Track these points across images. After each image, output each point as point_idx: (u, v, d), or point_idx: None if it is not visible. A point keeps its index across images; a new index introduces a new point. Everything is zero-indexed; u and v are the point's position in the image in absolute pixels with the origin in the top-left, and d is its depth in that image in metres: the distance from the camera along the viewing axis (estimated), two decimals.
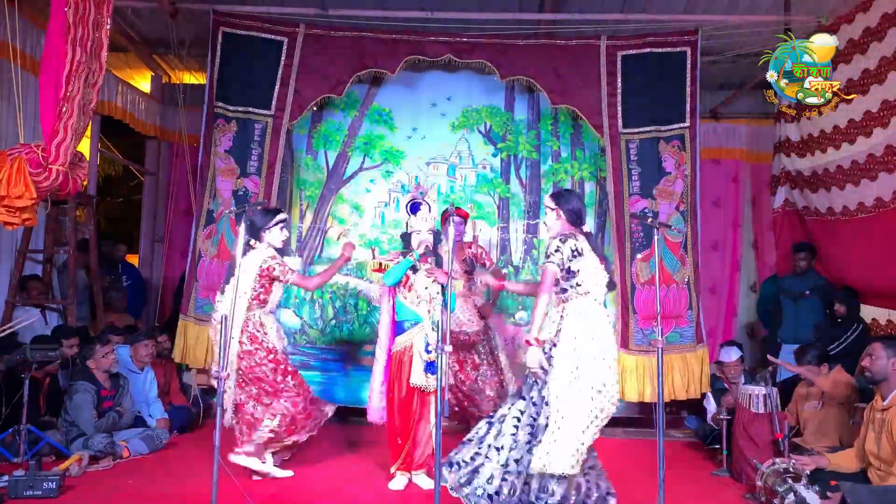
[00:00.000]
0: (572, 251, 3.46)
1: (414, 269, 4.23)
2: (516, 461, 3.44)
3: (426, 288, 4.20)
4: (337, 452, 4.90)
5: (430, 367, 4.10)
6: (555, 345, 3.46)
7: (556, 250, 3.47)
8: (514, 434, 3.48)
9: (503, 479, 3.44)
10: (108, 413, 4.68)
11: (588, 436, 3.35)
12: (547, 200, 3.70)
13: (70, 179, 4.09)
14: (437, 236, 4.32)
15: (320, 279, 4.54)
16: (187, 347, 5.62)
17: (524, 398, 3.52)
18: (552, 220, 3.64)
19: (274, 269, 4.24)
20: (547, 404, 3.39)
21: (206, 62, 5.97)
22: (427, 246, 4.22)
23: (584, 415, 3.33)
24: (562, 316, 3.49)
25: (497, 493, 3.42)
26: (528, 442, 3.43)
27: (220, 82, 5.79)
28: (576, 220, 3.61)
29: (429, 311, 4.18)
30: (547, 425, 3.37)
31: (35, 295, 5.64)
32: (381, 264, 4.32)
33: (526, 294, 4.29)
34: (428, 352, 4.12)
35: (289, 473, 4.31)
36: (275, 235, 4.30)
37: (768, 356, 5.01)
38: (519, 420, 3.48)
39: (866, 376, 3.87)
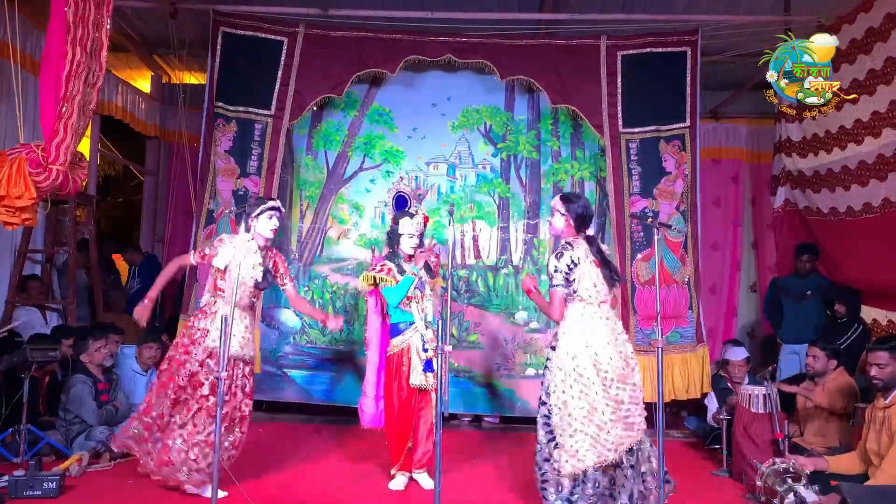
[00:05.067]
0: (568, 266, 3.51)
1: (401, 270, 4.20)
2: (545, 460, 3.50)
3: (414, 287, 4.18)
4: (337, 452, 4.89)
5: (429, 365, 4.11)
6: (553, 348, 3.56)
7: (556, 270, 3.53)
8: (539, 437, 3.56)
9: (544, 481, 3.50)
10: (105, 406, 4.69)
11: (603, 434, 3.37)
12: (556, 203, 3.66)
13: (70, 179, 4.08)
14: (394, 234, 4.27)
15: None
16: None
17: (545, 402, 3.55)
18: (559, 223, 3.65)
19: (211, 249, 4.01)
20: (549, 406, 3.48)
21: (206, 62, 5.97)
22: (427, 261, 4.21)
23: (582, 412, 3.37)
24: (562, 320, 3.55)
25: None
26: (549, 441, 3.49)
27: (220, 82, 5.80)
28: (582, 225, 3.63)
29: (422, 311, 4.17)
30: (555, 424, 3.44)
31: (35, 295, 5.65)
32: (375, 280, 4.17)
33: (539, 306, 4.28)
34: (425, 350, 4.12)
35: None
36: (263, 224, 4.00)
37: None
38: (548, 422, 3.51)
39: (875, 384, 3.85)
